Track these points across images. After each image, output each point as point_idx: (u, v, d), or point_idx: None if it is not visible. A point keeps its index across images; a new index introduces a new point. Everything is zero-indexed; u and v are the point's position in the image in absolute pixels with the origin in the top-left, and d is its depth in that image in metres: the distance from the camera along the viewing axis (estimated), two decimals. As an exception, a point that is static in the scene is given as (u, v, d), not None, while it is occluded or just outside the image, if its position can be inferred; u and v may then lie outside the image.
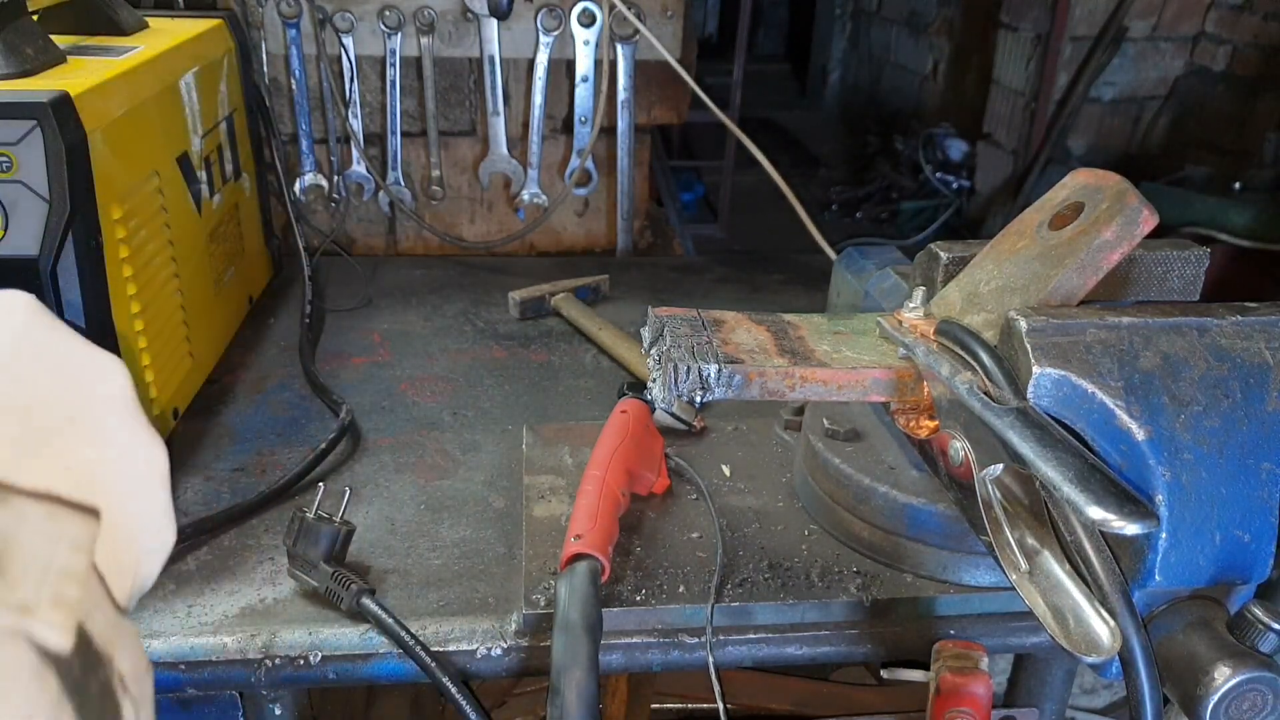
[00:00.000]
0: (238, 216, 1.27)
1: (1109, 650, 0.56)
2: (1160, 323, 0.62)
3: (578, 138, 1.58)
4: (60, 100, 0.81)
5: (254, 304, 1.34)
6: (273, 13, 1.44)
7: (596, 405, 1.13)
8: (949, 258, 0.74)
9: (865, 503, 0.82)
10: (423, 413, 1.10)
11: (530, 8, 1.48)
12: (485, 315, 1.35)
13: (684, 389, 0.67)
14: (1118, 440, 0.59)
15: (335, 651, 0.76)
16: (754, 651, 0.79)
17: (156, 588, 0.81)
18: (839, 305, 0.95)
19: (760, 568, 0.82)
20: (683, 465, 0.95)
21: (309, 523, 0.78)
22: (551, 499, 0.90)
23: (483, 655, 0.77)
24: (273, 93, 1.50)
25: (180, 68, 1.09)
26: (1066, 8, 3.74)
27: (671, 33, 1.53)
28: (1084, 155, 3.99)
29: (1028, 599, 0.62)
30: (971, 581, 0.81)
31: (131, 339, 0.92)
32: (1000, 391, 0.61)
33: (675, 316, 0.73)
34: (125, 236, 0.90)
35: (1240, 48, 3.55)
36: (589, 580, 0.71)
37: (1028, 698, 0.97)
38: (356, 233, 1.67)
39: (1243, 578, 0.60)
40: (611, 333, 1.25)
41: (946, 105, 4.96)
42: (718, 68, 4.19)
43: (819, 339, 0.72)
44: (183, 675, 0.75)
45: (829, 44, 6.46)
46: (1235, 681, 0.56)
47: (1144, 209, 0.64)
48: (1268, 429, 0.60)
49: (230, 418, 1.07)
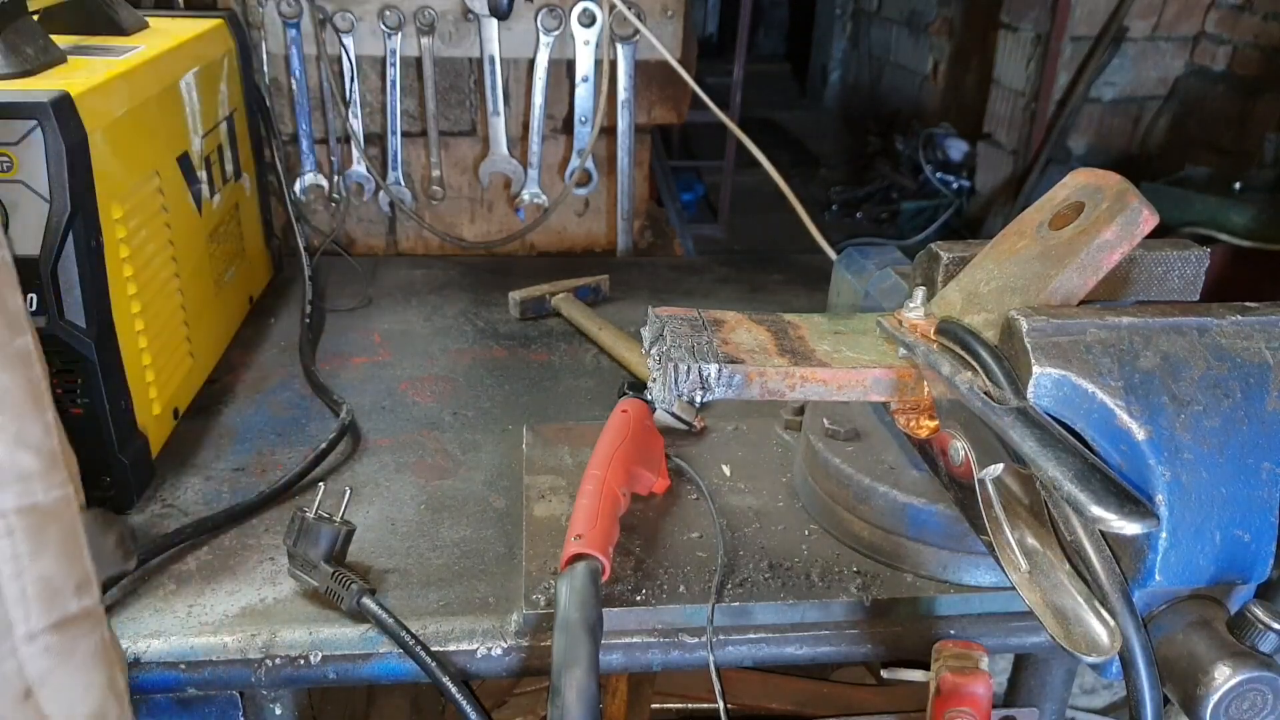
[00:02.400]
0: (238, 216, 1.27)
1: (1109, 650, 0.56)
2: (1160, 323, 0.62)
3: (578, 138, 1.58)
4: (61, 100, 0.81)
5: (254, 304, 1.34)
6: (273, 13, 1.44)
7: (596, 405, 1.13)
8: (949, 258, 0.74)
9: (865, 503, 0.82)
10: (423, 413, 1.10)
11: (530, 8, 1.48)
12: (485, 315, 1.35)
13: (684, 389, 0.67)
14: (1118, 440, 0.59)
15: (335, 651, 0.76)
16: (754, 651, 0.79)
17: (156, 587, 0.81)
18: (839, 305, 0.95)
19: (760, 568, 0.82)
20: (683, 465, 0.95)
21: (309, 523, 0.78)
22: (551, 499, 0.90)
23: (483, 655, 0.77)
24: (273, 93, 1.50)
25: (180, 68, 1.09)
26: (1066, 8, 3.74)
27: (671, 33, 1.53)
28: (1084, 155, 3.99)
29: (1028, 599, 0.62)
30: (971, 581, 0.81)
31: (131, 339, 0.92)
32: (1000, 391, 0.61)
33: (675, 316, 0.73)
34: (125, 236, 0.90)
35: (1240, 48, 3.55)
36: (589, 580, 0.71)
37: (1028, 698, 0.97)
38: (356, 233, 1.67)
39: (1243, 577, 0.60)
40: (611, 333, 1.25)
41: (946, 105, 4.96)
42: (718, 68, 4.20)
43: (819, 339, 0.72)
44: (183, 675, 0.75)
45: (829, 44, 6.46)
46: (1235, 681, 0.56)
47: (1144, 209, 0.64)
48: (1268, 429, 0.60)
49: (230, 418, 1.07)
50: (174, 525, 0.88)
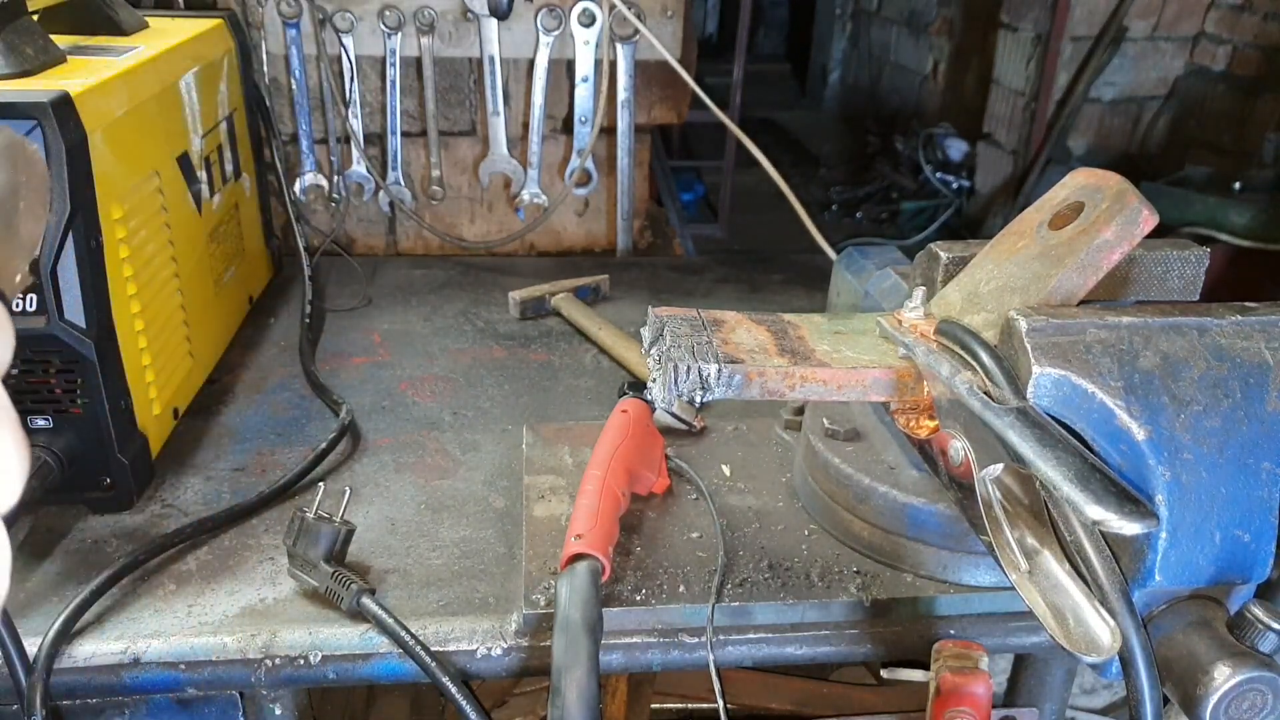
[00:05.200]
0: (238, 216, 1.27)
1: (1109, 650, 0.56)
2: (1160, 322, 0.62)
3: (578, 138, 1.58)
4: (61, 100, 0.81)
5: (254, 304, 1.34)
6: (273, 13, 1.44)
7: (596, 405, 1.13)
8: (949, 258, 0.74)
9: (865, 503, 0.82)
10: (423, 413, 1.10)
11: (530, 8, 1.48)
12: (485, 315, 1.35)
13: (684, 389, 0.67)
14: (1118, 440, 0.59)
15: (335, 651, 0.76)
16: (754, 651, 0.79)
17: (156, 587, 0.81)
18: (839, 305, 0.95)
19: (760, 568, 0.82)
20: (683, 465, 0.95)
21: (309, 523, 0.78)
22: (551, 499, 0.90)
23: (483, 655, 0.77)
24: (273, 93, 1.50)
25: (180, 68, 1.09)
26: (1066, 8, 3.74)
27: (671, 33, 1.53)
28: (1084, 155, 3.99)
29: (1028, 599, 0.62)
30: (971, 581, 0.81)
31: (131, 339, 0.92)
32: (1000, 391, 0.61)
33: (675, 316, 0.73)
34: (125, 236, 0.90)
35: (1240, 48, 3.55)
36: (589, 580, 0.71)
37: (1028, 698, 0.97)
38: (356, 233, 1.67)
39: (1243, 577, 0.60)
40: (611, 333, 1.25)
41: (946, 105, 4.96)
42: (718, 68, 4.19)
43: (819, 339, 0.72)
44: (183, 675, 0.75)
45: (829, 44, 6.46)
46: (1235, 681, 0.56)
47: (1144, 209, 0.64)
48: (1268, 429, 0.60)
49: (230, 418, 1.07)
50: (174, 525, 0.88)
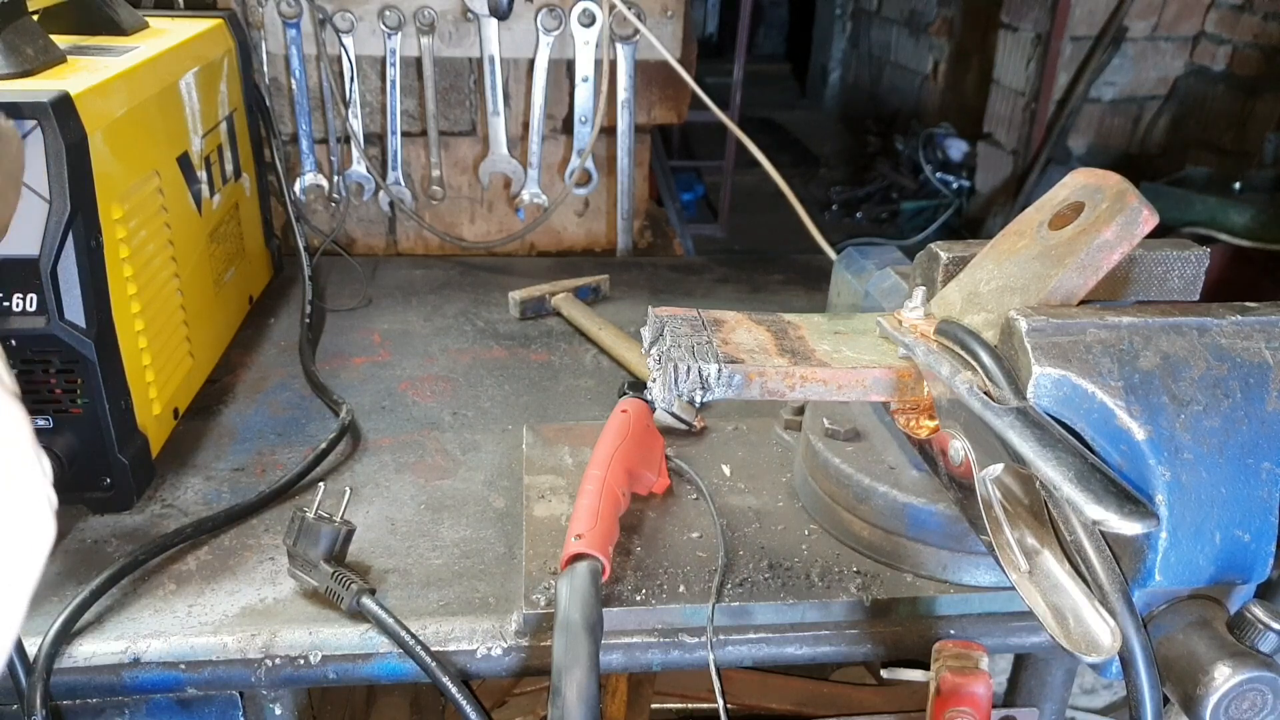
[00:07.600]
0: (238, 216, 1.27)
1: (1109, 650, 0.56)
2: (1160, 322, 0.62)
3: (578, 138, 1.58)
4: (61, 100, 0.81)
5: (254, 304, 1.34)
6: (273, 13, 1.44)
7: (596, 405, 1.13)
8: (949, 258, 0.74)
9: (865, 503, 0.82)
10: (423, 413, 1.10)
11: (530, 8, 1.48)
12: (485, 315, 1.35)
13: (684, 389, 0.67)
14: (1118, 440, 0.59)
15: (335, 651, 0.76)
16: (754, 651, 0.79)
17: (156, 587, 0.81)
18: (839, 305, 0.95)
19: (760, 568, 0.82)
20: (683, 465, 0.95)
21: (309, 522, 0.78)
22: (551, 499, 0.90)
23: (483, 655, 0.77)
24: (273, 93, 1.50)
25: (180, 68, 1.09)
26: (1066, 8, 3.75)
27: (671, 33, 1.53)
28: (1084, 155, 3.99)
29: (1028, 599, 0.62)
30: (971, 581, 0.81)
31: (131, 339, 0.92)
32: (1000, 391, 0.61)
33: (675, 316, 0.73)
34: (125, 236, 0.90)
35: (1240, 48, 3.56)
36: (589, 580, 0.71)
37: (1028, 698, 0.97)
38: (356, 233, 1.67)
39: (1243, 577, 0.60)
40: (611, 333, 1.25)
41: (946, 105, 4.96)
42: (718, 68, 4.20)
43: (819, 339, 0.72)
44: (183, 675, 0.75)
45: (829, 44, 6.46)
46: (1235, 681, 0.56)
47: (1144, 209, 0.64)
48: (1268, 429, 0.60)
49: (230, 418, 1.07)
50: (174, 525, 0.88)
